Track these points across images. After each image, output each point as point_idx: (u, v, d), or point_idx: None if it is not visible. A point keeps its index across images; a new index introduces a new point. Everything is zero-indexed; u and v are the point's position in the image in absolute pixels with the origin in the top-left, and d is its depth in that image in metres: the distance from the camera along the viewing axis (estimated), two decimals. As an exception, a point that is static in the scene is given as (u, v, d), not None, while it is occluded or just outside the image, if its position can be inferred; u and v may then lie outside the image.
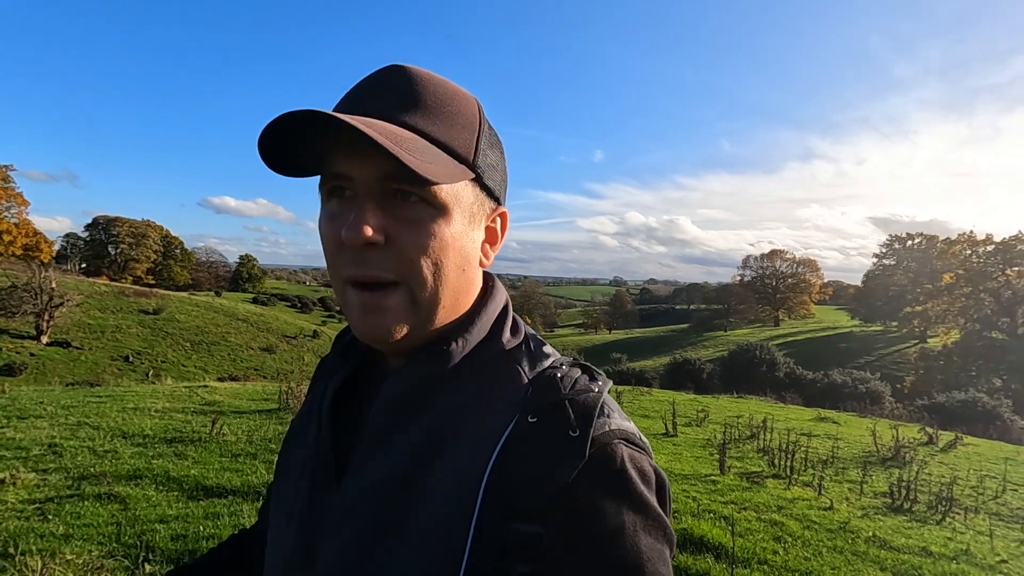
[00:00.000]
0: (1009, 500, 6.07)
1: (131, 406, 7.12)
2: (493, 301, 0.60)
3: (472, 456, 0.50)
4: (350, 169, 0.51)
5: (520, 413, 0.52)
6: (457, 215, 0.54)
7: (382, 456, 0.53)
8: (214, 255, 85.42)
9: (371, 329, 0.53)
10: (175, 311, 37.58)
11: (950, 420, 16.15)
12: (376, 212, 0.51)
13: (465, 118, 0.55)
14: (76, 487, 3.84)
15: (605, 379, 0.56)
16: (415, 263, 0.52)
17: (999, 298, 33.98)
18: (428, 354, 0.55)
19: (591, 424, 0.50)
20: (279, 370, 34.77)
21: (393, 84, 0.53)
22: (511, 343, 0.58)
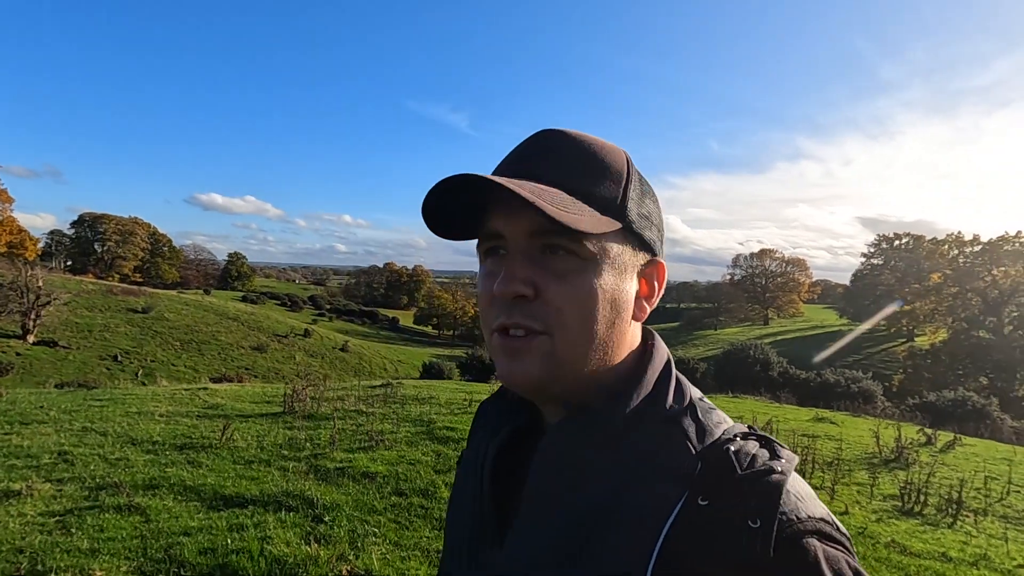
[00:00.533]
0: (1014, 502, 6.16)
1: (134, 410, 7.01)
2: (654, 360, 0.58)
3: (635, 539, 0.46)
4: (502, 227, 0.54)
5: (689, 492, 0.47)
6: (606, 267, 0.53)
7: (543, 523, 0.52)
8: (202, 253, 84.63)
9: (513, 373, 0.53)
10: (164, 310, 37.18)
11: (941, 419, 16.40)
12: (525, 266, 0.52)
13: (611, 170, 0.56)
14: (94, 498, 3.76)
15: (790, 455, 0.50)
16: (562, 314, 0.52)
17: (986, 298, 34.54)
18: (583, 412, 0.54)
19: (776, 512, 0.44)
20: (271, 369, 34.57)
21: (541, 145, 0.56)
22: (675, 407, 0.54)
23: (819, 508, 0.47)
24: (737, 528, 0.44)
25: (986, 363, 32.71)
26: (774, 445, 0.51)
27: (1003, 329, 33.66)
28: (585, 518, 0.49)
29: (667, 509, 0.47)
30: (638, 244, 0.57)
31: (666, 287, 0.61)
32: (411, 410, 8.01)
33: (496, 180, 0.48)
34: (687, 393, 0.56)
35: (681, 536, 0.45)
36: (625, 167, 0.57)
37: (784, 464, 0.48)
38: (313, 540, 3.36)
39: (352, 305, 78.77)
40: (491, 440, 0.62)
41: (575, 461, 0.52)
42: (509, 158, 0.57)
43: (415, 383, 12.76)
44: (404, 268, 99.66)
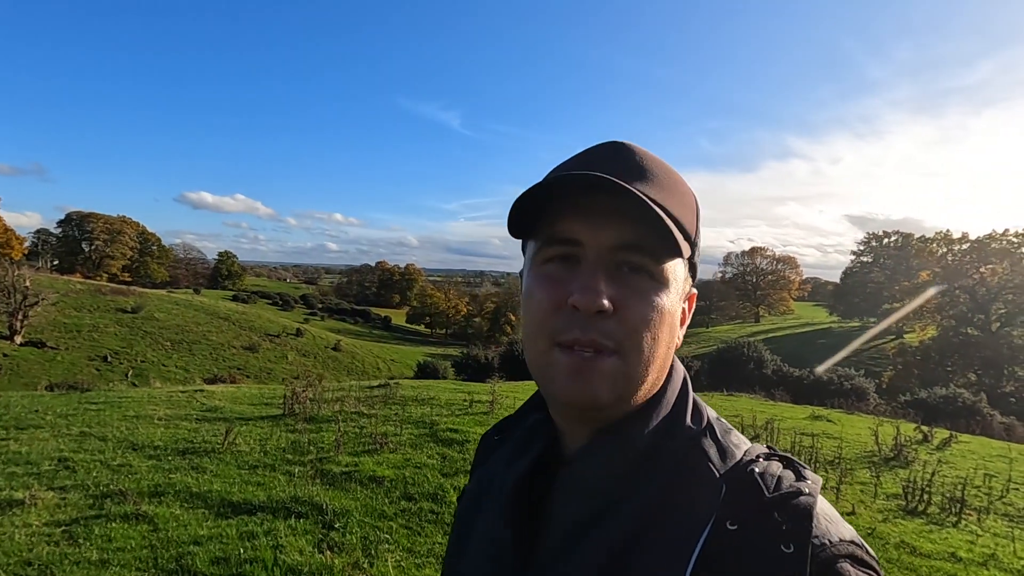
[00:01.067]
0: (1015, 500, 6.22)
1: (131, 414, 6.91)
2: (673, 380, 0.56)
3: (666, 565, 0.46)
4: (583, 235, 0.51)
5: (716, 516, 0.46)
6: (673, 290, 0.53)
7: (573, 556, 0.50)
8: (192, 252, 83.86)
9: (580, 393, 0.50)
10: (154, 309, 36.84)
11: (933, 416, 16.55)
12: (607, 280, 0.50)
13: (688, 198, 0.55)
14: (99, 506, 3.69)
15: (815, 476, 0.49)
16: (637, 334, 0.50)
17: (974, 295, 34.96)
18: (611, 438, 0.53)
19: (809, 536, 0.43)
20: (263, 369, 34.34)
21: (622, 156, 0.54)
22: (694, 428, 0.54)
23: (848, 530, 0.47)
24: (771, 554, 0.43)
25: (974, 360, 33.12)
26: (797, 466, 0.50)
27: (991, 326, 34.10)
28: (614, 548, 0.48)
29: (696, 534, 0.46)
30: (692, 273, 0.57)
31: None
32: (412, 411, 7.96)
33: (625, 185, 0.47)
34: (704, 413, 0.56)
35: (712, 561, 0.44)
36: (694, 199, 0.57)
37: (811, 485, 0.47)
38: (326, 548, 3.31)
39: (344, 304, 78.39)
40: (506, 470, 0.60)
41: (602, 489, 0.51)
42: (582, 163, 0.54)
43: (413, 383, 12.70)
44: (396, 267, 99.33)
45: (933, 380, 27.87)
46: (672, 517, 0.48)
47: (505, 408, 8.26)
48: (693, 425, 0.54)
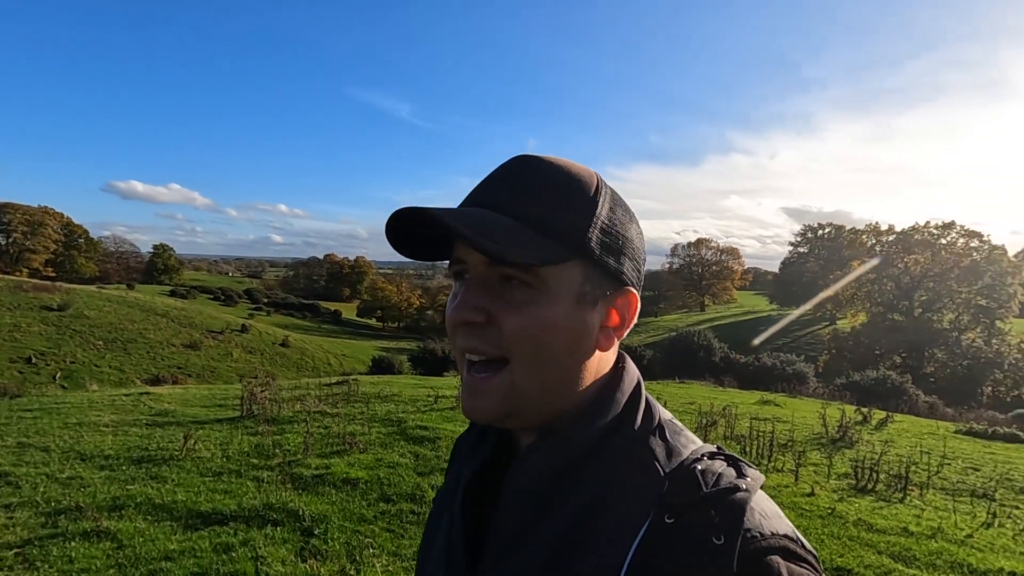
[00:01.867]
0: (948, 474, 6.72)
1: (74, 421, 6.46)
2: (623, 384, 0.58)
3: (605, 560, 0.47)
4: (463, 254, 0.55)
5: (655, 511, 0.48)
6: (562, 297, 0.53)
7: (516, 556, 0.52)
8: (124, 245, 78.99)
9: (473, 409, 0.55)
10: (83, 306, 34.58)
11: (866, 397, 17.66)
12: (479, 294, 0.53)
13: (575, 199, 0.54)
14: (53, 524, 3.43)
15: (756, 474, 0.51)
16: (517, 343, 0.52)
17: (899, 283, 37.45)
18: (552, 439, 0.54)
19: (739, 529, 0.45)
20: (206, 368, 32.89)
21: (506, 173, 0.56)
22: (644, 430, 0.55)
23: (784, 525, 0.48)
24: (702, 545, 0.44)
25: (899, 343, 35.55)
26: (740, 464, 0.51)
27: (914, 312, 36.66)
28: (555, 544, 0.50)
29: (635, 528, 0.47)
30: (602, 273, 0.55)
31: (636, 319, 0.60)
32: (377, 409, 7.80)
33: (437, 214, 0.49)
34: (656, 414, 0.57)
35: (648, 554, 0.46)
36: (593, 195, 0.55)
37: (749, 482, 0.49)
38: (309, 556, 3.20)
39: (292, 298, 75.87)
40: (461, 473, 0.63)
41: (543, 487, 0.53)
42: (478, 186, 0.58)
43: (372, 379, 12.46)
44: (346, 259, 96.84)
45: (863, 363, 29.73)
46: (614, 513, 0.49)
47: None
48: (643, 425, 0.55)
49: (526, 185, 0.55)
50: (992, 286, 34.36)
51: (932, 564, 3.79)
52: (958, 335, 34.43)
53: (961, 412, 18.82)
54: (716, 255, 71.50)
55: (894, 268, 38.23)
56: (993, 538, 4.48)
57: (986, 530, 4.67)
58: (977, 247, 35.79)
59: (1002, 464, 7.66)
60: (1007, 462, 7.89)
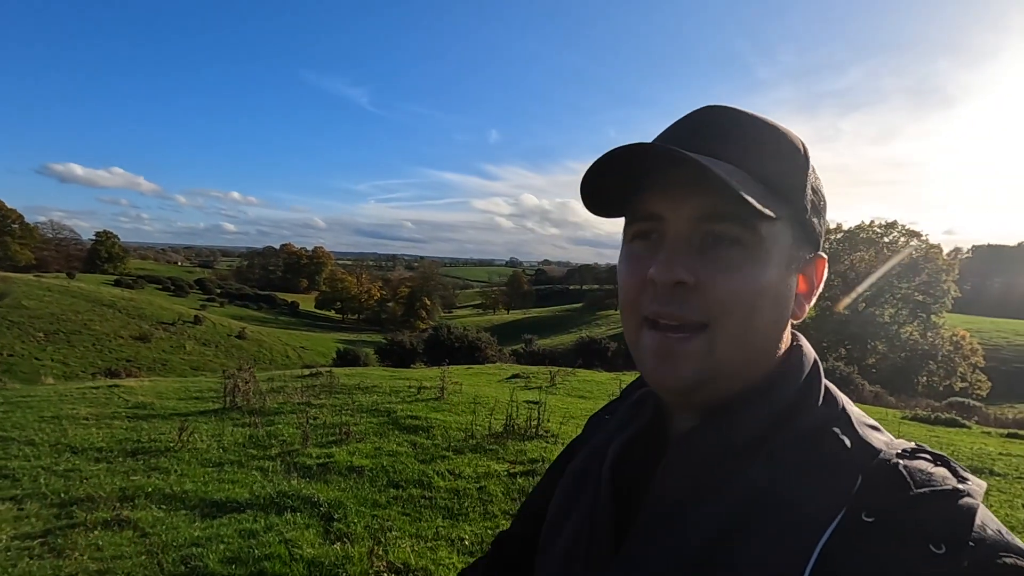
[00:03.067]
0: (902, 456, 7.30)
1: (50, 414, 6.24)
2: (803, 361, 0.52)
3: (783, 552, 0.42)
4: (663, 208, 0.49)
5: (849, 507, 0.42)
6: (775, 259, 0.49)
7: (671, 534, 0.46)
8: (63, 231, 74.65)
9: (665, 377, 0.49)
10: (21, 296, 32.74)
11: (818, 387, 18.69)
12: (688, 252, 0.48)
13: (788, 153, 0.51)
14: (68, 515, 3.38)
15: (977, 480, 0.44)
16: (725, 307, 0.47)
17: (845, 279, 39.45)
18: (723, 420, 0.49)
19: (967, 539, 0.38)
20: (157, 360, 31.66)
21: (712, 122, 0.51)
22: (827, 415, 0.49)
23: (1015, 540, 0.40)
24: (915, 552, 0.38)
25: (845, 336, 37.52)
26: (952, 465, 0.45)
27: (858, 306, 38.74)
28: (714, 532, 0.45)
29: (822, 524, 0.42)
30: (805, 237, 0.52)
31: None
32: (361, 400, 7.82)
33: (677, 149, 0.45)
34: (839, 398, 0.51)
35: (840, 553, 0.40)
36: (803, 153, 0.52)
37: (972, 487, 0.42)
38: (336, 539, 3.29)
39: (246, 289, 73.61)
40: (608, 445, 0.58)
41: (708, 469, 0.48)
42: (671, 129, 0.53)
43: (347, 371, 12.37)
44: (303, 250, 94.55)
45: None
46: (792, 503, 0.43)
47: (453, 394, 8.33)
48: (826, 410, 0.49)
49: (742, 134, 0.50)
50: (929, 283, 36.72)
51: (901, 533, 4.19)
52: (897, 328, 36.66)
53: (902, 400, 20.13)
54: (674, 250, 73.33)
55: (841, 264, 40.21)
56: (948, 510, 4.96)
57: (941, 504, 5.15)
58: (916, 246, 38.14)
59: (947, 446, 8.33)
60: (951, 444, 8.59)
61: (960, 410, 14.44)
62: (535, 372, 13.31)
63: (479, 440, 5.60)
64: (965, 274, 50.29)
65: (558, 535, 0.58)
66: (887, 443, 0.48)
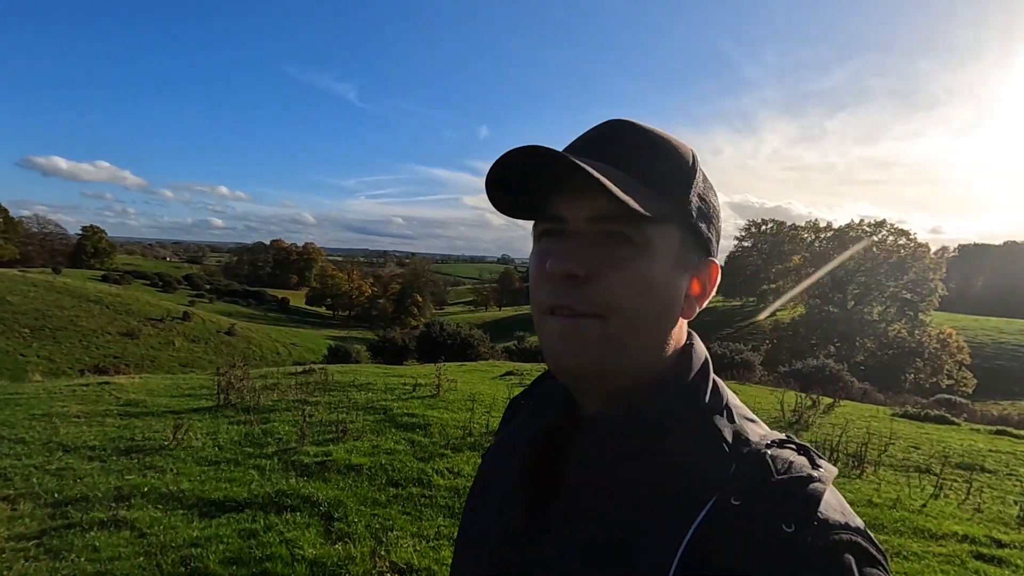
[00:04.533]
0: (895, 453, 7.37)
1: (40, 412, 6.14)
2: (693, 358, 0.57)
3: (664, 534, 0.47)
4: (564, 210, 0.53)
5: (720, 493, 0.47)
6: (662, 256, 0.53)
7: (577, 521, 0.51)
8: (48, 226, 73.49)
9: (565, 356, 0.52)
10: (5, 291, 32.25)
11: (807, 384, 18.80)
12: (582, 247, 0.52)
13: (678, 161, 0.56)
14: (63, 515, 3.32)
15: (829, 466, 0.50)
16: (617, 298, 0.51)
17: (834, 277, 39.85)
18: (623, 410, 0.54)
19: (813, 518, 0.43)
20: (145, 357, 31.34)
21: (611, 134, 0.56)
22: (711, 408, 0.54)
23: (857, 520, 0.46)
24: (770, 530, 0.43)
25: (833, 333, 37.92)
26: (812, 454, 0.50)
27: (847, 304, 39.16)
28: (618, 518, 0.49)
29: (698, 506, 0.47)
30: (694, 241, 0.56)
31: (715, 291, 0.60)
32: (356, 397, 7.77)
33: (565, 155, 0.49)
34: (724, 394, 0.56)
35: (710, 533, 0.45)
36: (690, 162, 0.56)
37: (823, 474, 0.48)
38: (337, 539, 3.26)
39: (235, 285, 72.94)
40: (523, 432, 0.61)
41: (610, 458, 0.52)
42: (575, 143, 0.57)
43: (339, 368, 12.29)
44: (294, 245, 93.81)
45: (801, 352, 31.54)
46: (678, 489, 0.48)
47: (448, 391, 8.30)
48: (712, 404, 0.54)
49: (633, 143, 0.55)
50: (916, 281, 37.18)
51: (898, 530, 4.22)
52: (885, 326, 37.09)
53: (890, 397, 20.36)
54: (665, 248, 73.54)
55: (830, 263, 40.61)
56: (942, 507, 5.01)
57: (935, 500, 5.21)
58: (904, 244, 38.61)
59: (937, 443, 8.44)
60: (940, 441, 8.70)
61: (948, 407, 14.64)
62: (528, 369, 13.30)
63: (477, 438, 5.58)
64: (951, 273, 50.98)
65: (473, 526, 0.62)
66: (762, 435, 0.53)
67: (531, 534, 0.54)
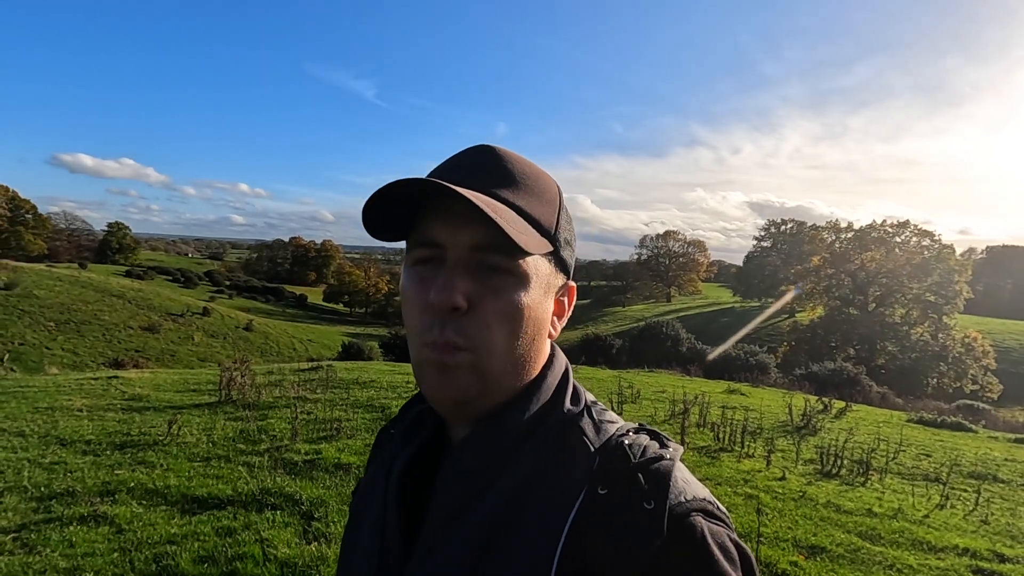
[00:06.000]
0: (904, 460, 7.16)
1: (44, 405, 6.26)
2: (554, 368, 0.60)
3: (543, 532, 0.50)
4: (443, 237, 0.54)
5: (589, 484, 0.51)
6: (535, 285, 0.56)
7: (452, 536, 0.53)
8: (75, 222, 75.37)
9: (443, 387, 0.54)
10: (32, 286, 33.08)
11: (823, 387, 18.46)
12: (464, 278, 0.53)
13: (548, 195, 0.58)
14: (46, 509, 3.37)
15: (676, 445, 0.55)
16: (491, 329, 0.53)
17: (855, 279, 39.01)
18: (490, 424, 0.56)
19: (667, 494, 0.49)
20: (165, 351, 31.95)
21: (484, 161, 0.57)
22: (573, 411, 0.58)
23: (702, 490, 0.53)
24: (634, 510, 0.48)
25: (853, 336, 37.13)
26: (662, 437, 0.56)
27: (868, 306, 38.30)
28: (491, 522, 0.51)
29: (571, 501, 0.50)
30: (560, 267, 0.59)
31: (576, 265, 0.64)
32: (357, 395, 7.80)
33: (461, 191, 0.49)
34: (583, 397, 0.60)
35: (584, 524, 0.49)
36: (557, 195, 0.60)
37: (672, 452, 0.53)
38: (313, 539, 3.25)
39: (254, 281, 74.06)
40: (394, 460, 0.62)
41: (482, 474, 0.54)
42: (450, 167, 0.57)
43: (347, 365, 12.37)
44: (312, 243, 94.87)
45: (819, 355, 30.97)
46: (549, 490, 0.52)
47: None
48: (572, 407, 0.58)
49: (509, 174, 0.56)
50: (941, 283, 36.19)
51: (895, 542, 4.08)
52: (908, 329, 36.19)
53: (909, 402, 19.88)
54: (683, 247, 72.91)
55: (851, 264, 39.77)
56: (947, 518, 4.84)
57: (940, 511, 5.04)
58: (928, 246, 37.59)
59: (950, 451, 8.19)
60: (954, 449, 8.44)
61: (968, 413, 14.23)
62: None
63: (470, 438, 5.55)
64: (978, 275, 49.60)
65: (353, 551, 0.63)
66: (619, 427, 0.57)
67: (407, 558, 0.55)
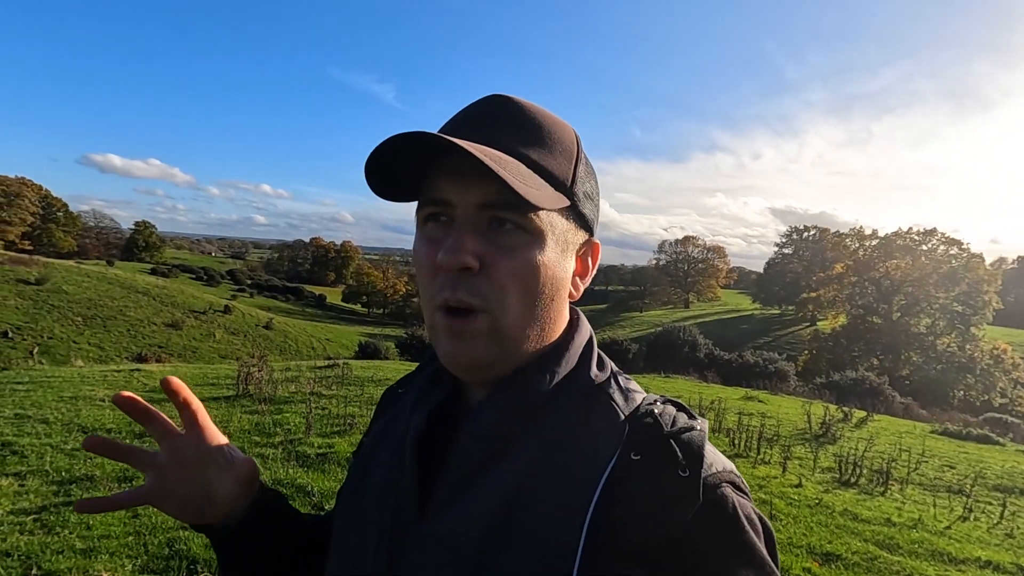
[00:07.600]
0: (926, 471, 6.99)
1: (68, 395, 6.42)
2: (579, 333, 0.59)
3: (572, 493, 0.49)
4: (451, 195, 0.51)
5: (621, 449, 0.50)
6: (551, 243, 0.53)
7: (476, 491, 0.51)
8: (104, 220, 77.33)
9: (458, 354, 0.52)
10: (61, 281, 33.95)
11: (844, 396, 18.11)
12: (474, 237, 0.51)
13: (564, 145, 0.55)
14: (65, 493, 3.45)
15: (703, 419, 0.55)
16: (506, 290, 0.51)
17: (879, 287, 38.22)
18: (515, 384, 0.54)
19: (701, 463, 0.49)
20: (187, 347, 32.54)
21: (496, 112, 0.54)
22: (599, 377, 0.57)
23: (728, 463, 0.53)
24: (670, 477, 0.48)
25: (877, 346, 36.37)
26: (687, 409, 0.55)
27: (892, 315, 37.47)
28: (516, 483, 0.50)
29: (602, 465, 0.50)
30: (579, 223, 0.56)
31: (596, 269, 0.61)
32: (371, 392, 7.86)
33: (467, 147, 0.47)
34: (608, 364, 0.59)
35: (616, 487, 0.48)
36: (575, 145, 0.56)
37: (702, 423, 0.53)
38: (323, 530, 3.28)
39: (275, 281, 75.19)
40: (409, 417, 0.60)
41: (503, 430, 0.53)
42: (460, 120, 0.55)
43: (362, 363, 12.48)
44: (332, 243, 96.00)
45: (841, 364, 30.36)
46: (577, 452, 0.51)
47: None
48: (599, 372, 0.57)
49: (521, 126, 0.53)
50: (969, 293, 35.28)
51: (914, 552, 3.98)
52: (934, 339, 35.32)
53: (934, 414, 19.39)
54: (703, 253, 72.20)
55: (875, 272, 38.99)
56: (969, 530, 4.71)
57: (963, 523, 4.90)
58: (956, 255, 36.69)
59: (975, 463, 7.97)
60: (980, 461, 8.21)
61: (996, 426, 13.82)
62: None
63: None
64: (1009, 285, 48.25)
65: (357, 504, 0.60)
66: (645, 397, 0.57)
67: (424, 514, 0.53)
